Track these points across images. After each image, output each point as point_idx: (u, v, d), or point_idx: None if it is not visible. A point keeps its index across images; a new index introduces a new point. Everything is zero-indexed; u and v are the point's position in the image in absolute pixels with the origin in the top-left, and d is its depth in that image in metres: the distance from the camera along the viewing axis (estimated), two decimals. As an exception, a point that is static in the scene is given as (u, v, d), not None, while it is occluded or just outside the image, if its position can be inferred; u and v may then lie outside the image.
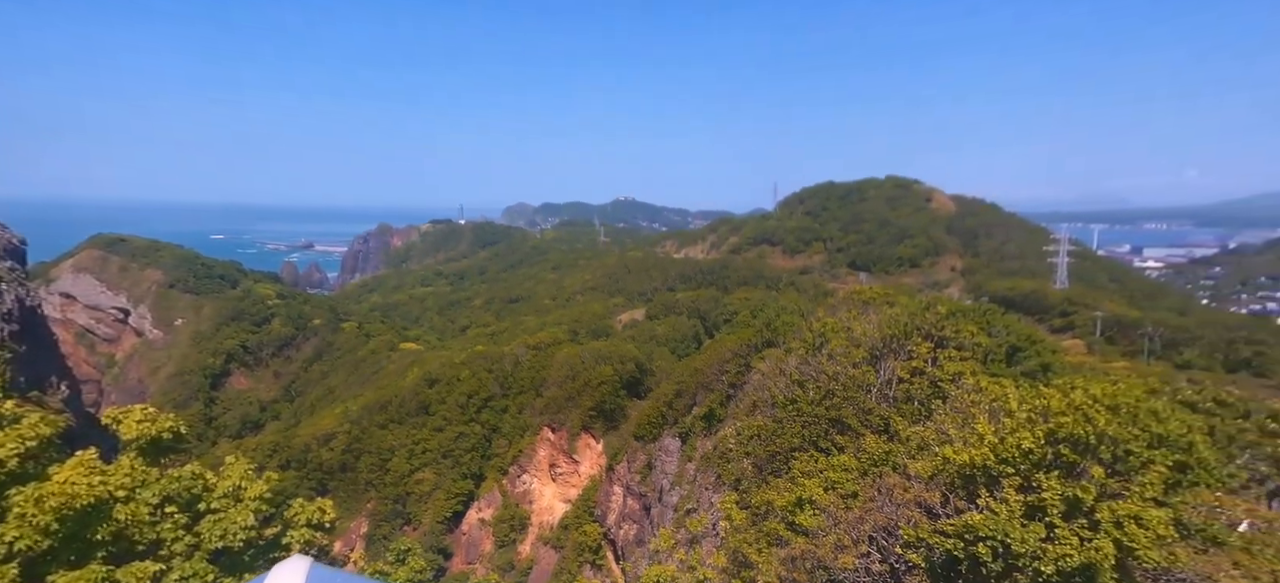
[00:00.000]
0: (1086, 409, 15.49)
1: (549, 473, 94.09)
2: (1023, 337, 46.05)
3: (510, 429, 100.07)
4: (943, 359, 37.63)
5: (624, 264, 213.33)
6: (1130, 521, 12.16)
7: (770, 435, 34.79)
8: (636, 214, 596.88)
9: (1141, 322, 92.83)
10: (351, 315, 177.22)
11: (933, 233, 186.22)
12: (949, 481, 16.88)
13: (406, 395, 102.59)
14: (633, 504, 73.69)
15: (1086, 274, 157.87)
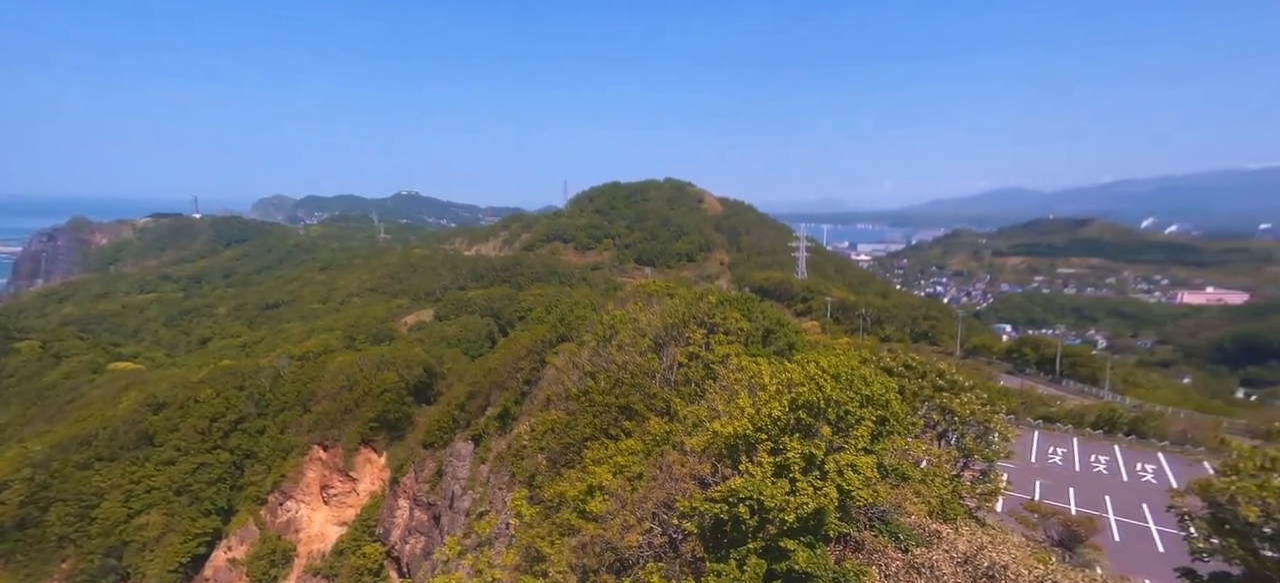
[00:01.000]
0: (817, 379, 18.57)
1: (320, 496, 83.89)
2: (775, 321, 53.29)
3: (269, 453, 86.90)
4: (714, 344, 42.03)
5: (409, 262, 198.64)
6: (848, 468, 14.95)
7: (564, 428, 35.43)
8: (422, 209, 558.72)
9: (858, 304, 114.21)
10: (30, 332, 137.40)
11: (705, 231, 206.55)
12: (718, 452, 18.97)
13: (121, 426, 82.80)
14: (421, 516, 69.27)
15: (819, 266, 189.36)
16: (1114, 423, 52.73)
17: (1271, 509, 10.00)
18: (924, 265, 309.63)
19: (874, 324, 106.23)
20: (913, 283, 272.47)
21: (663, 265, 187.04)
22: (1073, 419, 54.54)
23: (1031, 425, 53.49)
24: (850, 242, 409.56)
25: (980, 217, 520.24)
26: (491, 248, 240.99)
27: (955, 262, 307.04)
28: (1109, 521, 34.39)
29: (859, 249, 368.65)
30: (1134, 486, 39.94)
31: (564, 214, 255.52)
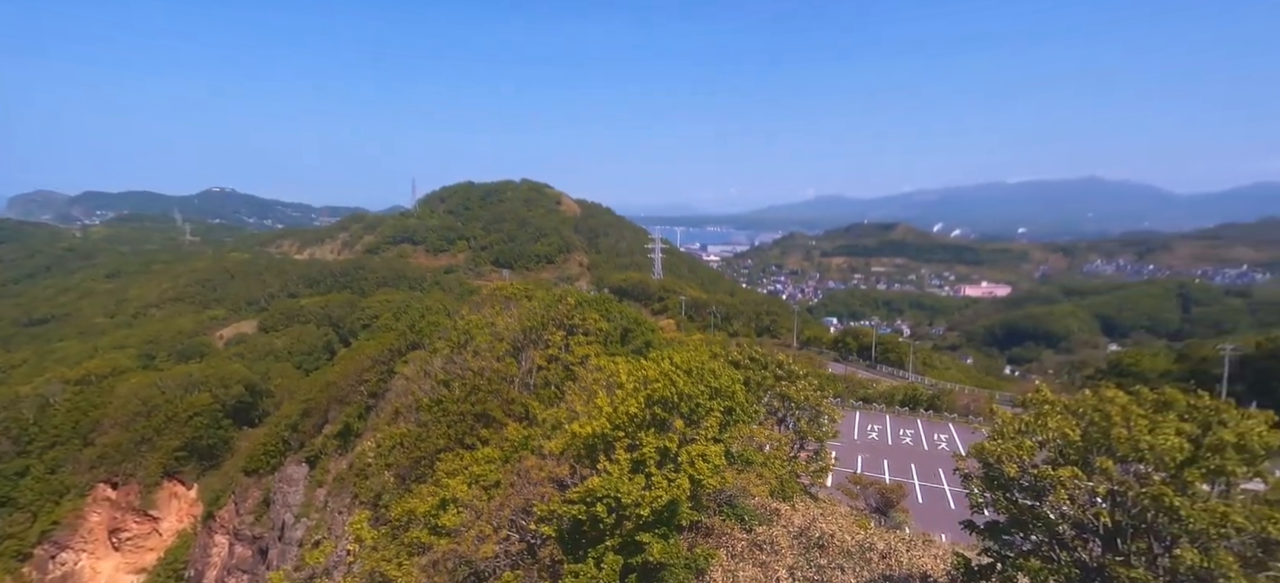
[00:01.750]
0: (671, 375, 19.36)
1: (109, 542, 71.01)
2: (633, 320, 54.70)
3: (33, 498, 71.76)
4: (573, 345, 42.08)
5: (224, 268, 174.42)
6: (699, 458, 15.77)
7: (415, 441, 33.34)
8: (239, 208, 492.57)
9: (709, 302, 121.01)
10: None
11: (564, 232, 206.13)
12: (577, 453, 19.00)
13: None
14: (243, 552, 61.34)
15: (674, 267, 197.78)
16: (917, 401, 61.18)
17: (1025, 465, 12.22)
18: (765, 265, 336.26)
19: (723, 320, 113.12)
20: (756, 281, 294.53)
21: (521, 268, 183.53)
22: (886, 399, 62.38)
23: (854, 407, 60.29)
24: (701, 243, 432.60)
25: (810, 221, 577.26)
26: (329, 251, 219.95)
27: (791, 262, 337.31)
28: (915, 486, 39.86)
29: (709, 250, 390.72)
30: (933, 454, 46.67)
31: (413, 214, 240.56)
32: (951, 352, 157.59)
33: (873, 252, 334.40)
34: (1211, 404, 11.88)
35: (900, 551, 16.63)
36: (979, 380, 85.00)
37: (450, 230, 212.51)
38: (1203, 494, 10.66)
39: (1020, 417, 14.10)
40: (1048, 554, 11.91)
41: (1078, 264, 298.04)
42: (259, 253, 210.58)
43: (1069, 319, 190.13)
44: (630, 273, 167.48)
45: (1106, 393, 12.66)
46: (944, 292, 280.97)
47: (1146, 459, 11.05)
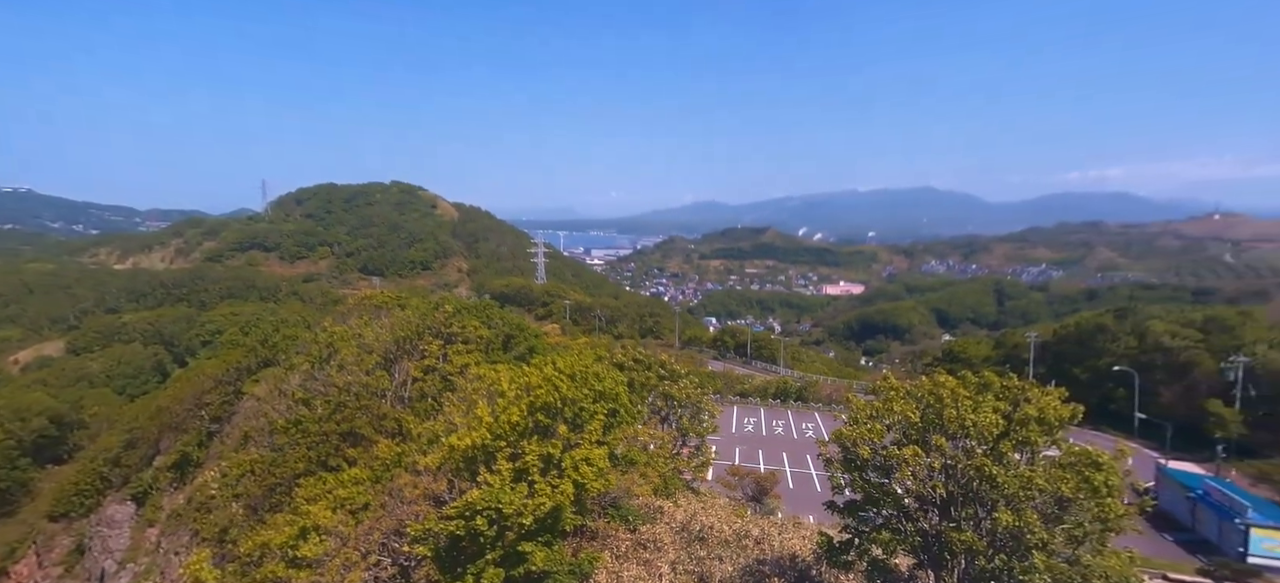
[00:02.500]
0: (555, 381, 19.16)
1: None
2: (515, 326, 53.50)
3: None
4: (452, 354, 40.32)
5: (21, 281, 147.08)
6: (583, 463, 15.75)
7: (269, 467, 30.17)
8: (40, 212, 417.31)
9: (593, 306, 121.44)
10: None
11: (440, 237, 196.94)
12: (455, 467, 18.22)
13: None
14: (54, 616, 52.30)
15: (557, 271, 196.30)
16: (787, 393, 65.57)
17: (876, 447, 13.53)
18: (648, 268, 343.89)
19: (608, 323, 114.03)
20: (639, 284, 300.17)
21: (394, 275, 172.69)
22: (760, 393, 66.22)
23: (732, 401, 63.34)
24: (585, 247, 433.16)
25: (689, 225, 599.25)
26: (159, 259, 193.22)
27: (672, 264, 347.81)
28: (786, 473, 42.66)
29: (592, 254, 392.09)
30: (801, 441, 50.23)
31: (265, 218, 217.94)
32: (816, 346, 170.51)
33: (746, 254, 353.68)
34: (1019, 385, 13.88)
35: (773, 535, 17.70)
36: (839, 371, 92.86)
37: (310, 235, 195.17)
38: (1014, 463, 12.43)
39: (872, 403, 15.59)
40: (896, 526, 13.28)
41: (917, 264, 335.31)
42: (66, 263, 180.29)
43: (911, 314, 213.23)
44: (513, 278, 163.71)
45: (939, 379, 14.35)
46: (809, 291, 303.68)
47: (971, 435, 12.68)
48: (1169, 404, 51.16)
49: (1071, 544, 11.06)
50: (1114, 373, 55.85)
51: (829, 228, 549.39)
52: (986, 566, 11.16)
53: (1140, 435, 49.59)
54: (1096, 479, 11.10)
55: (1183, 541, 33.41)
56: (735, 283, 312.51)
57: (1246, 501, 32.10)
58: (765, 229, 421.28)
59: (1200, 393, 49.32)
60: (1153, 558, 29.12)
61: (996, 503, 11.61)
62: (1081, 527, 11.05)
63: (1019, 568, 10.76)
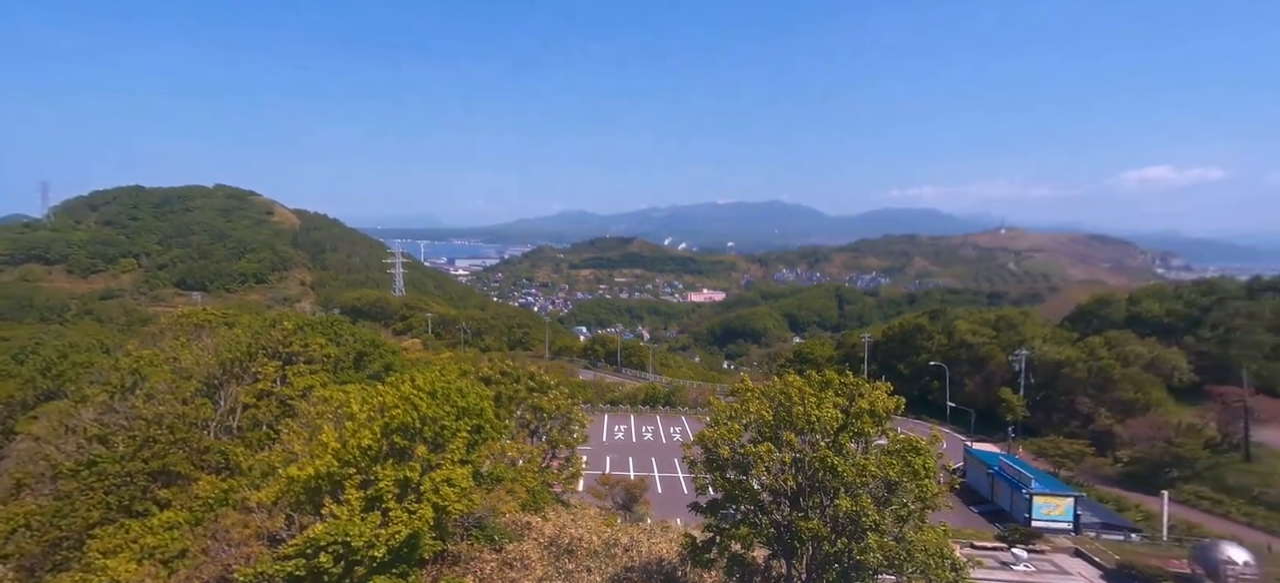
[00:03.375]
0: (413, 398, 17.98)
1: None
2: (368, 342, 49.62)
3: None
4: (292, 376, 36.36)
5: None
6: (444, 484, 14.91)
7: (52, 518, 25.08)
8: None
9: (458, 318, 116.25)
10: None
11: (278, 247, 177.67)
12: (295, 500, 16.40)
13: None
14: None
15: (418, 282, 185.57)
16: (656, 399, 67.32)
17: (735, 446, 14.27)
18: (516, 278, 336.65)
19: (475, 336, 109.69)
20: (508, 295, 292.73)
21: (220, 289, 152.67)
22: (630, 400, 67.31)
23: (603, 410, 63.71)
24: (448, 257, 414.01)
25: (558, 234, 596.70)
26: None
27: (541, 274, 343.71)
28: (656, 478, 43.67)
29: (457, 264, 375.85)
30: (670, 446, 51.75)
31: (47, 225, 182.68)
32: (683, 352, 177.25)
33: (616, 264, 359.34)
34: (854, 381, 15.39)
35: (642, 541, 17.99)
36: (704, 375, 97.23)
37: (109, 245, 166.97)
38: (852, 453, 13.74)
39: (731, 405, 16.44)
40: (753, 520, 14.09)
41: (770, 273, 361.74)
42: None
43: (766, 318, 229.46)
44: (366, 290, 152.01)
45: (788, 379, 15.51)
46: (675, 298, 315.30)
47: (816, 429, 13.84)
48: (972, 393, 59.73)
49: (898, 524, 12.45)
50: (930, 367, 64.13)
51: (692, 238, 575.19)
52: (830, 550, 12.21)
53: (951, 421, 57.34)
54: (917, 463, 12.61)
55: (984, 511, 39.02)
56: (605, 292, 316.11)
57: (1031, 473, 38.29)
58: (633, 239, 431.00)
59: (995, 382, 58.16)
60: (961, 529, 33.69)
61: (838, 491, 12.75)
62: (906, 507, 12.49)
63: (856, 549, 11.90)
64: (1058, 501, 35.33)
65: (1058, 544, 32.87)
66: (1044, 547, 32.50)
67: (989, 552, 31.44)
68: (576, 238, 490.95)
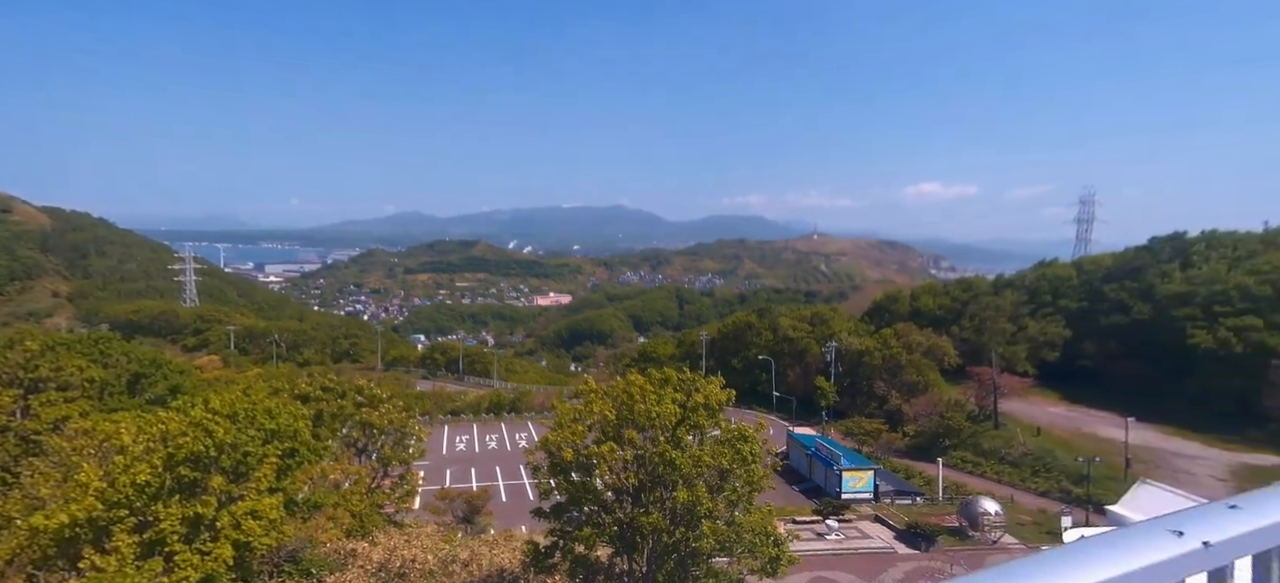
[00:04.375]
0: (207, 424, 15.52)
1: None
2: (147, 362, 42.12)
3: None
4: (38, 406, 29.71)
5: None
6: (247, 517, 13.03)
7: None
8: None
9: (269, 330, 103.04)
10: None
11: (19, 251, 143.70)
12: (41, 555, 13.33)
13: None
14: None
15: (217, 291, 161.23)
16: (501, 405, 65.40)
17: (578, 448, 14.29)
18: (342, 285, 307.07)
19: (291, 350, 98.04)
20: (332, 303, 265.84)
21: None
22: (473, 409, 64.64)
23: (443, 421, 60.42)
24: (256, 263, 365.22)
25: (391, 237, 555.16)
26: None
27: (372, 280, 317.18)
28: (500, 487, 42.37)
29: (268, 270, 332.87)
30: (515, 453, 50.50)
31: None
32: (530, 356, 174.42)
33: (457, 268, 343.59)
34: (691, 377, 16.24)
35: (483, 554, 17.28)
36: (551, 379, 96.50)
37: None
38: (689, 446, 14.46)
39: (575, 407, 16.44)
40: (597, 520, 14.22)
41: (615, 275, 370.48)
42: None
43: (612, 320, 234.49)
44: (147, 302, 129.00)
45: (630, 378, 15.92)
46: (521, 302, 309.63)
47: (656, 426, 14.35)
48: (794, 382, 66.22)
49: (729, 509, 13.35)
50: (759, 360, 69.97)
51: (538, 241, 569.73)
52: (669, 541, 12.73)
53: (777, 409, 63.04)
54: (745, 450, 13.61)
55: (804, 489, 43.43)
56: (445, 297, 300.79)
57: (840, 452, 43.37)
58: (476, 242, 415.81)
59: (812, 372, 65.05)
60: (784, 507, 37.16)
61: (676, 483, 13.33)
62: (736, 492, 13.43)
63: (692, 537, 12.54)
64: (861, 474, 40.42)
65: (861, 513, 37.60)
66: (851, 516, 36.99)
67: (807, 525, 35.01)
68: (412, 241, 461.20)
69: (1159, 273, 64.91)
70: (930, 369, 59.45)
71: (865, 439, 50.79)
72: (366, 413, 30.56)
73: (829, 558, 31.79)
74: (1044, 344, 62.08)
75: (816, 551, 31.95)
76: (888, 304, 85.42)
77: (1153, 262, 68.14)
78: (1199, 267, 62.64)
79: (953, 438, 50.01)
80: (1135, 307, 63.03)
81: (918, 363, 59.25)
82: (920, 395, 55.99)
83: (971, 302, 73.71)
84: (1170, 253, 68.43)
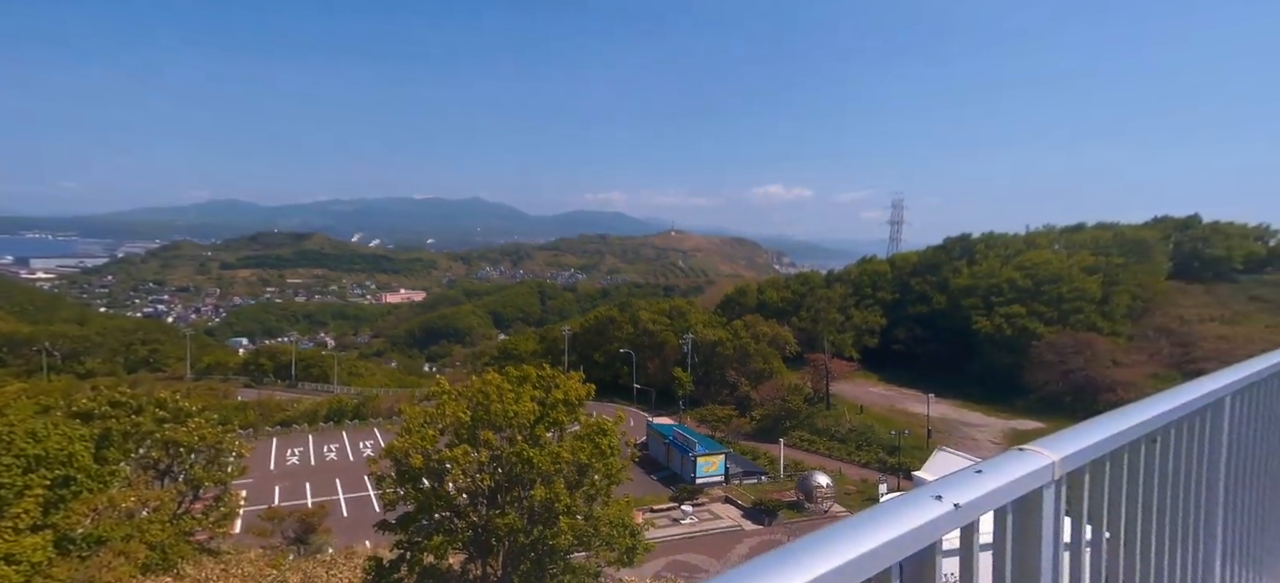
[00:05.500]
0: (-66, 455, 12.37)
1: None
2: None
3: None
4: None
5: None
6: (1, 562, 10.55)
7: None
8: None
9: (37, 336, 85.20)
10: None
11: None
12: None
13: None
14: None
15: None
16: (342, 413, 59.95)
17: (428, 454, 13.43)
18: (138, 282, 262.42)
19: (67, 359, 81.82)
20: (124, 303, 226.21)
21: None
22: (308, 418, 58.53)
23: (271, 433, 54.06)
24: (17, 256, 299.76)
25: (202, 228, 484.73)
26: None
27: (178, 276, 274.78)
28: (340, 501, 38.82)
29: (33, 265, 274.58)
30: (359, 463, 46.55)
31: None
32: (377, 357, 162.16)
33: (287, 262, 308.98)
34: (551, 373, 15.98)
35: (319, 575, 15.65)
36: (402, 381, 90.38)
37: None
38: (548, 443, 14.21)
39: (426, 410, 15.43)
40: (449, 527, 13.47)
41: (474, 271, 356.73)
42: None
43: (471, 317, 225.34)
44: None
45: (486, 377, 15.29)
46: (367, 300, 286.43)
47: (514, 425, 13.91)
48: (654, 374, 68.33)
49: (588, 503, 13.34)
50: (621, 354, 71.25)
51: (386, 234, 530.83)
52: (526, 541, 12.41)
53: (638, 401, 64.65)
54: (604, 444, 13.67)
55: (662, 477, 44.98)
56: (274, 295, 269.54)
57: (695, 439, 45.50)
58: (311, 234, 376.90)
59: (671, 363, 67.56)
60: (644, 496, 38.21)
61: (534, 482, 13.03)
62: (595, 485, 13.45)
63: (549, 534, 12.34)
64: (713, 459, 42.77)
65: (713, 495, 39.80)
66: (705, 499, 39.01)
67: (664, 512, 36.33)
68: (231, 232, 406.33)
69: (952, 269, 76.24)
70: (774, 357, 64.47)
71: (718, 425, 53.84)
72: (171, 430, 26.43)
73: (682, 542, 33.25)
74: (866, 332, 70.18)
75: (672, 536, 33.25)
76: (738, 297, 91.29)
77: (947, 259, 79.89)
78: (980, 263, 74.44)
79: (793, 419, 54.71)
80: (935, 298, 73.55)
81: (764, 352, 63.96)
82: (766, 382, 60.51)
83: (808, 295, 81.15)
84: (960, 251, 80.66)
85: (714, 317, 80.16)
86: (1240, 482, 2.67)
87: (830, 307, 72.95)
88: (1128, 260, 67.53)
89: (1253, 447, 2.74)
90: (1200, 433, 2.28)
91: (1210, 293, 67.47)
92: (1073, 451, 1.48)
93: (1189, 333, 58.55)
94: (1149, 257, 69.78)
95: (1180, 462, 2.14)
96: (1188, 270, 71.47)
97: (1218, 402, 2.36)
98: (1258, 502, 2.89)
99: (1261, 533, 2.99)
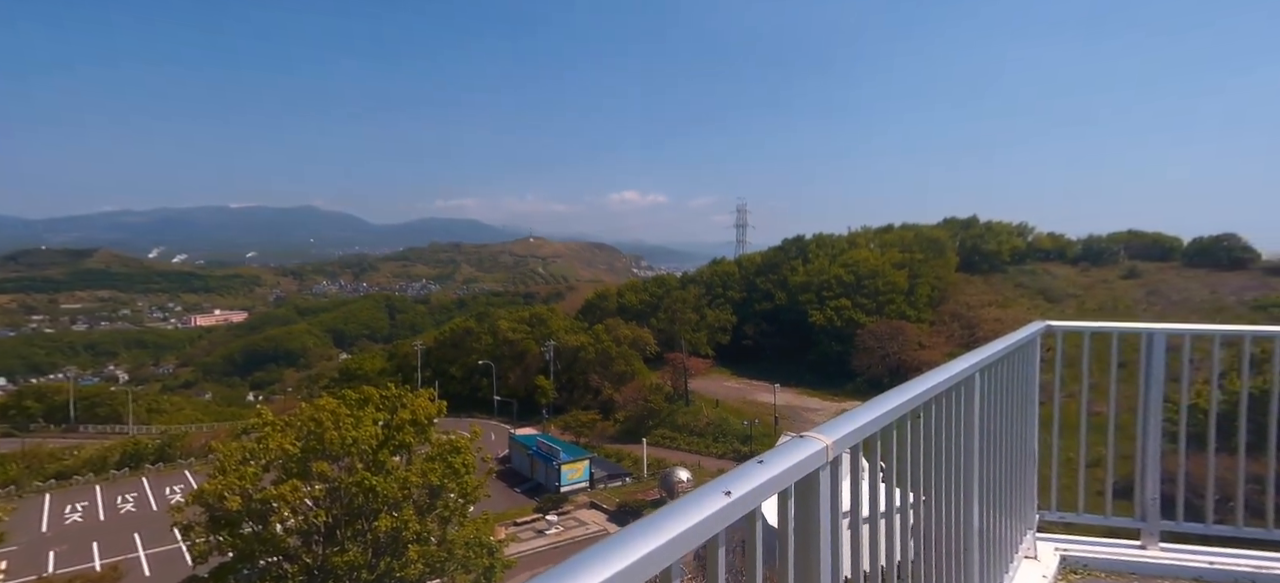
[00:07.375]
0: None
1: None
2: None
3: None
4: None
5: None
6: None
7: None
8: None
9: None
10: None
11: None
12: None
13: None
14: None
15: None
16: (140, 456, 51.00)
17: (248, 494, 11.70)
18: None
19: None
20: None
21: None
22: (94, 467, 49.06)
23: (40, 490, 44.56)
24: None
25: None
26: None
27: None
28: (141, 558, 32.93)
29: None
30: (165, 513, 39.86)
31: None
32: (186, 389, 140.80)
33: (61, 285, 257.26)
34: (396, 392, 14.73)
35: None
36: (220, 414, 79.09)
37: None
38: (395, 468, 13.05)
39: (245, 444, 13.46)
40: (277, 573, 11.82)
41: (307, 286, 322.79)
42: None
43: (305, 337, 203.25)
44: None
45: (319, 403, 13.69)
46: (171, 324, 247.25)
47: (353, 453, 12.59)
48: (515, 384, 66.49)
49: (442, 526, 12.44)
50: (479, 366, 68.42)
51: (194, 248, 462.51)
52: (370, 577, 11.26)
53: (499, 413, 62.48)
54: (457, 462, 12.85)
55: (527, 489, 43.83)
56: (43, 324, 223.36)
57: (559, 447, 44.93)
58: (94, 250, 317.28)
59: (533, 372, 66.20)
60: (507, 510, 36.95)
61: (378, 512, 11.88)
62: (449, 507, 12.59)
63: (397, 566, 11.32)
64: (577, 465, 42.56)
65: (578, 502, 39.59)
66: (570, 507, 38.65)
67: (528, 525, 35.42)
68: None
69: (790, 267, 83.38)
70: (635, 359, 65.84)
71: (582, 431, 53.77)
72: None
73: (546, 553, 32.61)
74: (719, 330, 74.28)
75: (537, 548, 32.49)
76: (598, 302, 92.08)
77: (785, 258, 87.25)
78: (813, 262, 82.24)
79: (655, 419, 56.21)
80: (776, 295, 79.95)
81: (625, 354, 65.07)
82: (628, 383, 61.57)
83: (665, 296, 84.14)
84: (796, 251, 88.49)
85: (575, 322, 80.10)
86: (989, 441, 3.20)
87: (686, 307, 76.21)
88: (927, 257, 78.48)
89: (997, 412, 3.29)
90: (956, 405, 2.70)
91: (987, 282, 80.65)
92: (843, 433, 1.64)
93: (974, 317, 69.42)
94: (942, 253, 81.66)
95: (942, 431, 2.51)
96: (970, 264, 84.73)
97: (969, 378, 2.82)
98: (1004, 457, 3.46)
99: (1009, 482, 3.58)
